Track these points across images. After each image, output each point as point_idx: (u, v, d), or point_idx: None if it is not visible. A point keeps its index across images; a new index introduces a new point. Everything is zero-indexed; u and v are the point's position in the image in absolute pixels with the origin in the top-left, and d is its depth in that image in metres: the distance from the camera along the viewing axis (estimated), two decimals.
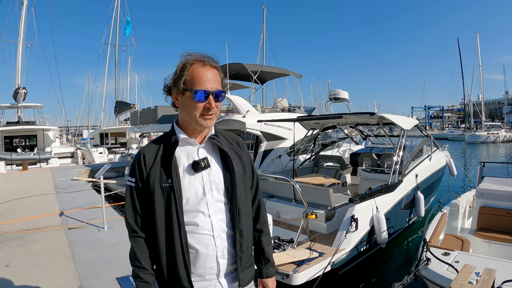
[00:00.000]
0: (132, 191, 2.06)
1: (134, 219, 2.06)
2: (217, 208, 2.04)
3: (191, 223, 1.98)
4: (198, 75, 1.95)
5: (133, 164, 2.07)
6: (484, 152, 41.50)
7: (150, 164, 2.01)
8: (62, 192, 12.83)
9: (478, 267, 4.88)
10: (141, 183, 2.03)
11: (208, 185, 2.03)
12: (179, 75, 1.98)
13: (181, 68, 1.98)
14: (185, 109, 2.01)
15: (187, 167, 2.03)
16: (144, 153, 2.05)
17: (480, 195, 7.69)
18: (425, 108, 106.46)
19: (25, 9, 30.91)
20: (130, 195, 2.07)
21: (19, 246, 7.07)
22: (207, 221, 2.00)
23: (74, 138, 60.61)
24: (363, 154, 11.31)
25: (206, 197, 2.02)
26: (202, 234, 1.99)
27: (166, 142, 2.07)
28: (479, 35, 71.06)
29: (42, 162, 25.04)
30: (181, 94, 2.00)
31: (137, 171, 2.04)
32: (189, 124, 2.04)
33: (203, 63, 1.99)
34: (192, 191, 2.00)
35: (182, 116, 2.08)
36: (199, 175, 2.03)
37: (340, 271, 6.68)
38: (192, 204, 1.99)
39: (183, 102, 2.01)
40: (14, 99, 29.39)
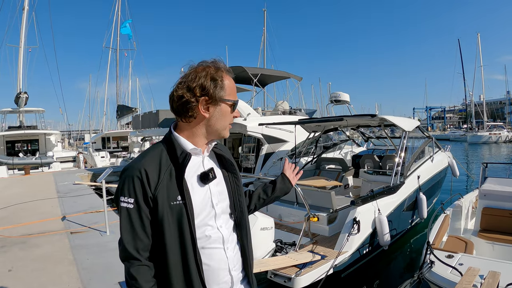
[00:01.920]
0: (130, 214, 1.77)
1: (134, 246, 1.77)
2: (224, 219, 1.95)
3: (201, 238, 1.83)
4: (231, 86, 1.93)
5: (128, 182, 1.78)
6: (486, 152, 41.47)
7: (156, 181, 1.77)
8: (64, 197, 12.84)
9: (482, 269, 4.86)
10: (145, 204, 1.76)
11: (216, 197, 1.92)
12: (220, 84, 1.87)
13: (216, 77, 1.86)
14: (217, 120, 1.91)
15: (196, 180, 1.88)
16: (145, 169, 1.77)
17: (483, 196, 7.67)
18: (427, 109, 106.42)
19: (26, 14, 31.00)
20: (129, 219, 1.77)
21: (21, 250, 7.07)
22: (217, 235, 1.89)
23: (76, 142, 60.75)
24: (365, 156, 11.29)
25: (215, 210, 1.90)
26: (213, 249, 1.87)
27: (170, 154, 1.87)
28: (480, 35, 71.14)
29: (44, 166, 25.09)
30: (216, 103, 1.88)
31: (138, 190, 1.75)
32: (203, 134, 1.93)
33: (229, 72, 1.96)
34: (203, 206, 1.86)
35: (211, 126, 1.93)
36: (207, 187, 1.90)
37: (342, 274, 6.66)
38: (202, 219, 1.85)
39: (218, 112, 1.89)
40: (16, 104, 29.44)
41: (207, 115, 1.89)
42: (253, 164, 13.19)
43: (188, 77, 1.86)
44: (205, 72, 1.86)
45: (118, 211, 1.83)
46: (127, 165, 1.88)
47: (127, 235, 1.77)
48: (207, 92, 1.84)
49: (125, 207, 1.76)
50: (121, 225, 1.79)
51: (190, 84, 1.84)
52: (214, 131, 1.92)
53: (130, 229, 1.77)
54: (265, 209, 8.42)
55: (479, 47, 71.17)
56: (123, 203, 1.77)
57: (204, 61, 1.93)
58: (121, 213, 1.78)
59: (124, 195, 1.77)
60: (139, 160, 1.83)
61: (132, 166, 1.81)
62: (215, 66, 1.90)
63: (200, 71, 1.86)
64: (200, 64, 1.91)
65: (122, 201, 1.77)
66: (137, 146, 31.49)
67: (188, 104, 1.84)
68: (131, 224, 1.76)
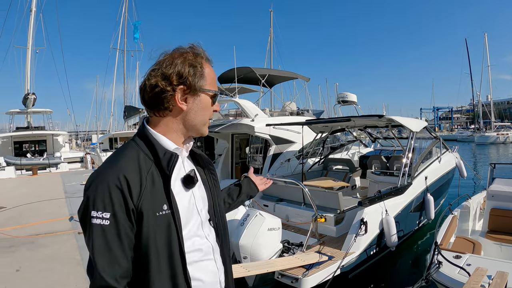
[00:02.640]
0: (106, 232, 1.39)
1: (112, 274, 1.38)
2: (207, 226, 1.72)
3: (192, 251, 1.58)
4: (211, 76, 1.68)
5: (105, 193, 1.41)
6: (494, 153, 41.28)
7: (138, 189, 1.45)
8: (72, 197, 12.91)
9: (490, 270, 4.84)
10: (126, 219, 1.42)
11: (199, 202, 1.69)
12: (199, 71, 1.61)
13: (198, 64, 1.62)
14: (197, 113, 1.64)
15: (180, 185, 1.62)
16: (125, 175, 1.44)
17: (491, 197, 7.63)
18: (434, 110, 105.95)
19: (34, 15, 31.26)
20: (105, 240, 1.39)
21: (29, 250, 7.11)
22: (207, 245, 1.66)
23: (83, 143, 60.96)
24: (372, 156, 11.27)
25: (200, 217, 1.67)
26: (204, 261, 1.63)
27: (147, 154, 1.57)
28: (487, 35, 70.88)
29: (52, 167, 25.25)
30: (195, 94, 1.62)
31: (116, 202, 1.40)
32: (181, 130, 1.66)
33: (209, 61, 1.71)
34: (189, 214, 1.61)
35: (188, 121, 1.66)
36: (190, 192, 1.66)
37: (349, 275, 6.64)
38: (190, 229, 1.60)
39: (197, 104, 1.64)
40: (24, 105, 29.67)
41: (185, 108, 1.62)
42: (261, 165, 13.18)
43: (163, 64, 1.59)
44: (182, 58, 1.60)
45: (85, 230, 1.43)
46: (96, 171, 1.53)
47: (102, 260, 1.38)
48: (185, 80, 1.58)
49: (99, 224, 1.38)
50: (93, 247, 1.39)
51: (165, 71, 1.57)
52: (193, 126, 1.67)
53: (106, 252, 1.39)
54: (272, 210, 8.42)
55: (486, 47, 70.90)
56: (96, 220, 1.39)
57: (181, 47, 1.67)
58: (92, 232, 1.40)
59: (97, 209, 1.39)
60: (113, 164, 1.50)
61: (106, 172, 1.47)
62: (194, 51, 1.65)
63: (177, 57, 1.60)
64: (176, 50, 1.65)
65: (94, 216, 1.39)
66: None
67: (163, 94, 1.57)
68: (107, 245, 1.39)
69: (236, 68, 15.23)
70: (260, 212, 6.56)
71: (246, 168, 13.85)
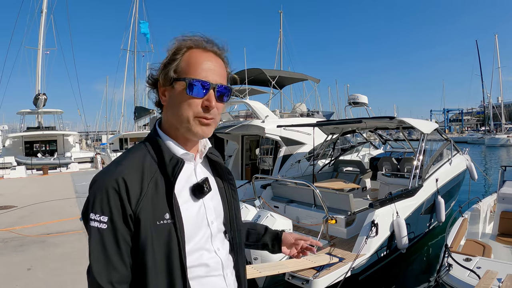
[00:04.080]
0: (103, 236, 1.33)
1: (108, 278, 1.32)
2: (220, 240, 1.58)
3: (197, 266, 1.46)
4: (196, 61, 1.43)
5: (103, 195, 1.34)
6: (504, 155, 40.99)
7: (137, 194, 1.35)
8: (82, 197, 12.95)
9: (500, 273, 4.83)
10: (123, 224, 1.34)
11: (211, 213, 1.54)
12: (169, 59, 1.45)
13: (173, 52, 1.46)
14: (174, 108, 1.45)
15: (187, 193, 1.48)
16: (124, 178, 1.35)
17: (501, 200, 7.60)
18: (444, 111, 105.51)
19: (44, 17, 31.50)
20: (101, 243, 1.32)
21: (40, 249, 7.15)
22: (215, 260, 1.52)
23: (93, 143, 61.18)
24: (383, 158, 11.23)
25: (210, 229, 1.52)
26: (212, 277, 1.50)
27: (156, 159, 1.46)
28: (497, 36, 70.56)
29: (62, 166, 25.36)
30: (169, 86, 1.45)
31: (114, 206, 1.33)
32: (178, 131, 1.49)
33: (205, 49, 1.48)
34: (197, 226, 1.47)
35: (169, 119, 1.51)
36: (201, 202, 1.51)
37: (360, 277, 6.64)
38: (195, 241, 1.46)
39: (172, 98, 1.46)
40: (35, 105, 29.85)
41: (165, 103, 1.51)
42: (271, 166, 13.18)
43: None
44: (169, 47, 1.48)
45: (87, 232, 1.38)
46: (98, 172, 1.44)
47: (98, 264, 1.32)
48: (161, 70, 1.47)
49: (96, 227, 1.33)
50: (90, 250, 1.34)
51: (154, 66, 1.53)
52: (180, 123, 1.45)
53: (102, 256, 1.33)
54: (282, 211, 8.42)
55: (497, 49, 70.59)
56: (93, 222, 1.33)
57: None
58: (90, 235, 1.35)
59: (95, 212, 1.34)
60: (115, 167, 1.41)
61: (106, 174, 1.39)
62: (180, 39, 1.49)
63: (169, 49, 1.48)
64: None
65: (93, 219, 1.33)
66: None
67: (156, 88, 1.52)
68: (104, 249, 1.33)
69: (247, 69, 15.24)
70: (271, 213, 6.57)
71: (256, 170, 13.86)
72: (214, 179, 1.64)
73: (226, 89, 1.47)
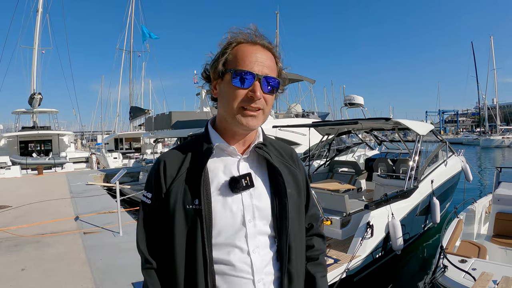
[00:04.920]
0: (146, 209, 1.54)
1: (147, 245, 1.53)
2: (259, 242, 1.50)
3: (224, 262, 1.46)
4: (244, 53, 1.45)
5: (150, 175, 1.56)
6: (499, 156, 41.13)
7: (172, 176, 1.48)
8: (77, 197, 12.96)
9: (496, 274, 4.84)
10: (158, 201, 1.50)
11: (249, 211, 1.49)
12: (220, 53, 1.49)
13: (224, 47, 1.49)
14: (222, 100, 1.49)
15: (222, 185, 1.48)
16: (165, 161, 1.51)
17: (496, 201, 7.62)
18: (440, 113, 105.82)
19: (40, 16, 31.43)
20: (143, 215, 1.56)
21: (35, 250, 7.13)
22: (245, 260, 1.46)
23: (88, 143, 61.04)
24: (378, 159, 11.25)
25: (246, 228, 1.47)
26: (238, 277, 1.45)
27: (196, 149, 1.54)
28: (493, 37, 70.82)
29: (57, 166, 25.29)
30: (219, 79, 1.49)
31: (153, 184, 1.52)
32: (227, 123, 1.51)
33: (254, 42, 1.49)
34: (227, 219, 1.46)
35: (220, 111, 1.55)
36: (238, 197, 1.49)
37: (355, 278, 6.65)
38: (226, 236, 1.46)
39: (221, 90, 1.50)
40: (30, 105, 29.76)
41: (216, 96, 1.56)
42: None
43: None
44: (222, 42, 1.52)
45: None
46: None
47: (140, 233, 1.56)
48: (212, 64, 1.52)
49: (143, 201, 1.57)
50: (137, 220, 1.60)
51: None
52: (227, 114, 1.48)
53: (143, 226, 1.56)
54: None
55: (492, 50, 70.86)
56: (142, 197, 1.57)
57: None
58: (140, 207, 1.59)
59: (145, 189, 1.58)
60: (167, 152, 1.60)
61: (158, 158, 1.60)
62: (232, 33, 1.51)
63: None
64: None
65: (144, 194, 1.57)
66: (149, 147, 31.67)
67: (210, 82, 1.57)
68: (146, 221, 1.55)
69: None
70: None
71: None
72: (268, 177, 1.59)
73: (273, 80, 1.47)
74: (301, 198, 1.68)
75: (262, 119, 1.49)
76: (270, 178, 1.58)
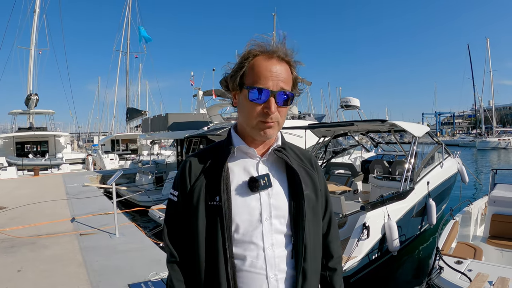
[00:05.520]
0: (172, 205, 1.67)
1: (172, 239, 1.66)
2: (275, 240, 1.56)
3: (239, 257, 1.53)
4: (259, 69, 1.50)
5: (177, 174, 1.69)
6: (495, 158, 41.19)
7: (196, 175, 1.59)
8: (74, 198, 12.92)
9: (491, 275, 4.86)
10: (183, 198, 1.61)
11: (266, 210, 1.56)
12: (238, 66, 1.55)
13: (242, 58, 1.55)
14: (241, 112, 1.59)
15: (242, 184, 1.56)
16: (191, 161, 1.64)
17: (492, 203, 7.64)
18: (436, 115, 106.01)
19: (37, 16, 31.32)
20: (170, 211, 1.68)
21: (31, 251, 7.11)
22: (260, 256, 1.52)
23: (85, 144, 60.93)
24: (374, 161, 11.27)
25: (262, 225, 1.54)
26: (252, 273, 1.51)
27: (219, 151, 1.65)
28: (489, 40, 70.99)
29: (53, 168, 25.20)
30: (238, 91, 1.58)
31: (179, 182, 1.63)
32: (246, 131, 1.61)
33: (270, 55, 1.53)
34: (245, 215, 1.54)
35: (240, 119, 1.65)
36: (256, 196, 1.56)
37: (351, 279, 6.65)
38: (243, 232, 1.53)
39: (240, 102, 1.58)
40: (26, 105, 29.65)
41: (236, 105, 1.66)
42: None
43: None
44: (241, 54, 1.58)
45: None
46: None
47: (168, 227, 1.69)
48: (231, 76, 1.60)
49: (170, 199, 1.70)
50: (165, 215, 1.74)
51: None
52: (246, 125, 1.58)
53: (170, 222, 1.69)
54: None
55: (488, 52, 71.00)
56: (170, 195, 1.70)
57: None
58: (167, 204, 1.73)
59: (173, 187, 1.70)
60: (193, 153, 1.72)
61: (185, 159, 1.71)
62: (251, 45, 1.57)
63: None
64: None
65: (171, 192, 1.70)
66: (146, 149, 31.60)
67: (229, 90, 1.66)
68: (172, 217, 1.68)
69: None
70: None
71: None
72: (286, 179, 1.66)
73: (287, 94, 1.53)
74: (318, 201, 1.73)
75: (278, 129, 1.59)
76: (289, 180, 1.65)
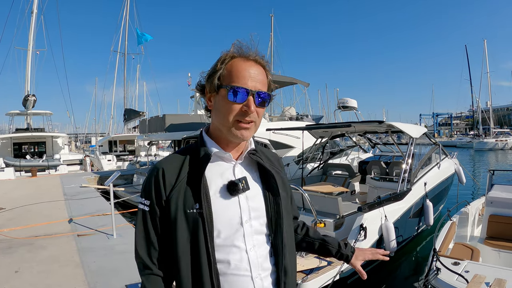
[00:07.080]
0: (145, 216, 1.60)
1: (147, 252, 1.59)
2: (256, 241, 1.60)
3: (223, 261, 1.53)
4: (238, 69, 1.54)
5: (147, 182, 1.61)
6: (492, 159, 41.20)
7: (172, 183, 1.55)
8: (71, 199, 12.93)
9: (488, 277, 4.85)
10: (158, 208, 1.57)
11: (246, 212, 1.59)
12: (215, 69, 1.58)
13: (220, 60, 1.58)
14: (218, 112, 1.58)
15: (221, 189, 1.58)
16: (163, 168, 1.58)
17: (489, 203, 7.64)
18: (433, 116, 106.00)
19: (35, 17, 31.27)
20: (143, 222, 1.60)
21: (28, 252, 7.11)
22: (243, 258, 1.55)
23: (82, 145, 60.86)
24: (372, 162, 11.28)
25: (243, 228, 1.57)
26: (237, 275, 1.54)
27: (193, 155, 1.63)
28: (486, 41, 71.09)
29: (51, 169, 25.20)
30: (214, 92, 1.58)
31: (153, 191, 1.57)
32: (222, 133, 1.61)
33: (246, 58, 1.58)
34: (226, 220, 1.55)
35: (214, 122, 1.64)
36: (235, 199, 1.58)
37: (348, 280, 6.65)
38: (224, 237, 1.54)
39: (216, 103, 1.59)
40: (24, 106, 29.61)
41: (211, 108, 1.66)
42: None
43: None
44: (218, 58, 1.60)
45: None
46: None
47: (140, 239, 1.60)
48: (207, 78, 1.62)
49: (141, 209, 1.61)
50: (135, 228, 1.63)
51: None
52: (222, 126, 1.58)
53: (143, 233, 1.60)
54: None
55: (485, 53, 71.07)
56: (140, 205, 1.62)
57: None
58: (137, 215, 1.64)
59: (142, 196, 1.62)
60: (164, 159, 1.67)
61: (155, 165, 1.65)
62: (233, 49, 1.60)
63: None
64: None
65: (140, 202, 1.62)
66: (143, 150, 31.61)
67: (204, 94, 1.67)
68: (145, 228, 1.59)
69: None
70: None
71: None
72: (260, 181, 1.71)
73: (265, 95, 1.57)
74: (288, 200, 1.82)
75: (254, 130, 1.61)
76: (263, 181, 1.71)
